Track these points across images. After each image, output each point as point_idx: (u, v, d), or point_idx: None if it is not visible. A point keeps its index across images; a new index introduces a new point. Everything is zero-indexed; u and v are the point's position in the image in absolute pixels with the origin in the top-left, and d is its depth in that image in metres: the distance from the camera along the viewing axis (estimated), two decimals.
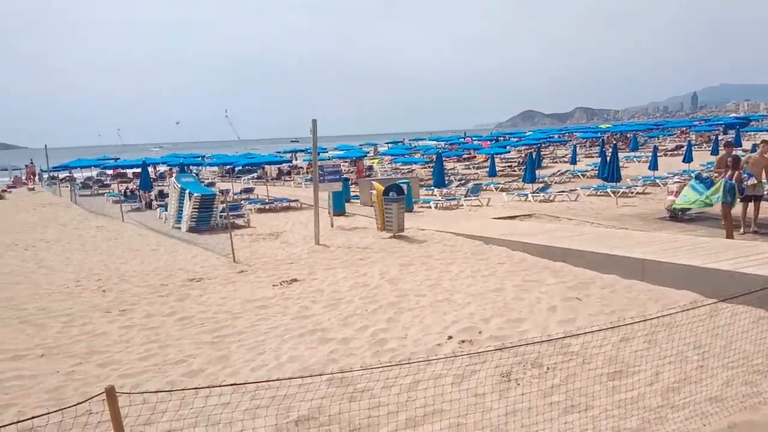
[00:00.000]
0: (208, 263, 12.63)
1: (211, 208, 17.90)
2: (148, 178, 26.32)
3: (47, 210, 25.54)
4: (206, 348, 7.26)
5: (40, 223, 20.83)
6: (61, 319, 8.80)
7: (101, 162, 38.95)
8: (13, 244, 16.43)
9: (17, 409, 5.83)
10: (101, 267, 12.66)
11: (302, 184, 33.80)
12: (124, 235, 17.49)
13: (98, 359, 7.08)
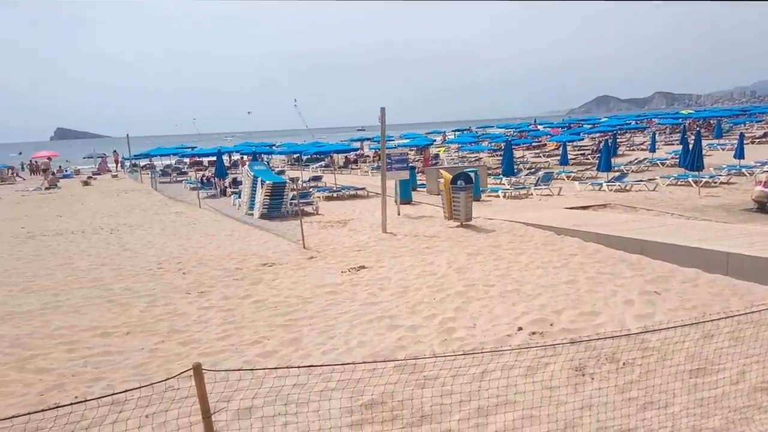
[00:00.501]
0: (280, 249, 13.01)
1: (282, 196, 18.39)
2: (223, 166, 27.34)
3: (129, 196, 27.06)
4: (279, 330, 7.50)
5: (123, 209, 22.11)
6: (144, 300, 9.34)
7: (179, 150, 40.81)
8: (99, 227, 17.53)
9: (106, 382, 6.26)
10: (180, 251, 13.30)
11: (369, 172, 34.08)
12: (201, 220, 18.27)
13: (179, 338, 7.47)
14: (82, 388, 6.10)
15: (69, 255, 13.40)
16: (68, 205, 23.90)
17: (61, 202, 25.53)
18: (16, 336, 7.83)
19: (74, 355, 7.05)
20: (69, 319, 8.45)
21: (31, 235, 16.52)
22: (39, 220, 19.91)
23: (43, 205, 24.34)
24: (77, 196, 27.88)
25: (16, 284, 10.84)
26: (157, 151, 36.53)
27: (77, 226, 18.03)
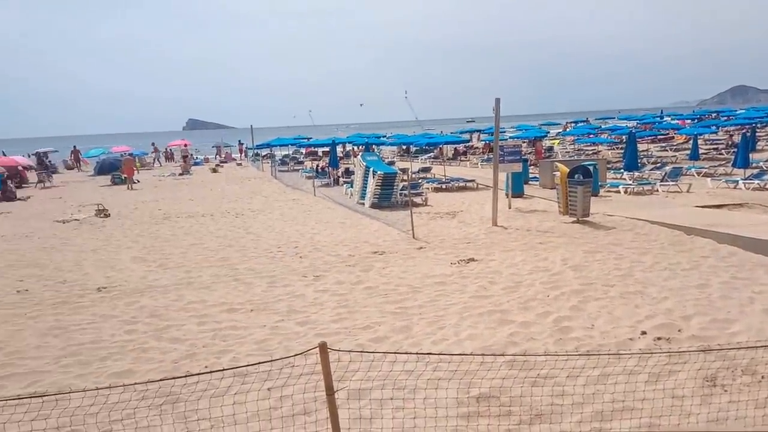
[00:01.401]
0: (390, 238, 13.23)
1: (393, 186, 18.66)
2: (336, 156, 28.27)
3: (252, 183, 28.81)
4: (389, 317, 7.65)
5: (246, 195, 23.60)
6: (265, 280, 9.92)
7: (296, 141, 42.76)
8: (226, 211, 18.86)
9: (232, 355, 6.74)
10: (297, 236, 13.96)
11: (478, 164, 33.58)
12: (316, 208, 19.05)
13: (297, 318, 7.87)
14: (212, 358, 6.62)
15: (200, 236, 14.56)
16: (198, 191, 25.93)
17: (192, 187, 27.76)
18: (154, 308, 8.66)
19: (204, 327, 7.67)
20: (200, 295, 9.20)
21: (167, 217, 18.13)
22: (173, 203, 21.80)
23: (176, 190, 26.61)
24: (206, 182, 30.16)
25: (154, 260, 11.96)
26: (277, 142, 38.51)
27: (206, 209, 19.53)
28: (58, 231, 16.18)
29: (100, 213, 18.67)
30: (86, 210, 19.92)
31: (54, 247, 13.78)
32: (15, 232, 16.27)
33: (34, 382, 6.22)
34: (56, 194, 26.36)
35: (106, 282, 10.28)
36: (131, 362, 6.60)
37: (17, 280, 10.71)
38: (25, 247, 13.98)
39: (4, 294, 9.73)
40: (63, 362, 6.70)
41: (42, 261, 12.28)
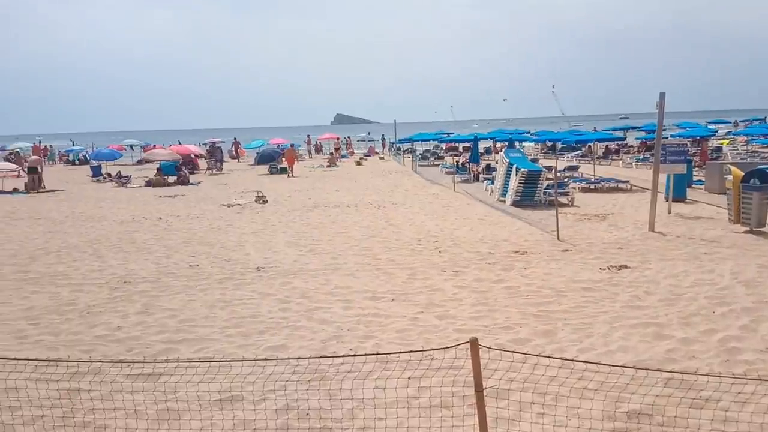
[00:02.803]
0: (532, 238, 12.83)
1: (536, 184, 18.06)
2: (478, 152, 28.00)
3: (393, 177, 29.57)
4: (531, 320, 7.44)
5: (387, 188, 24.27)
6: (406, 272, 10.15)
7: (437, 137, 43.10)
8: (368, 203, 19.57)
9: (375, 341, 7.00)
10: (437, 230, 14.08)
11: (632, 164, 31.26)
12: (455, 203, 19.05)
13: (436, 311, 7.95)
14: (355, 342, 6.94)
15: (345, 225, 15.28)
16: (344, 182, 27.20)
17: (338, 178, 29.20)
18: (305, 289, 9.26)
19: (349, 312, 8.05)
20: (345, 281, 9.67)
21: (316, 206, 19.27)
22: (322, 193, 23.10)
23: (324, 181, 28.16)
24: (351, 174, 31.54)
25: (305, 245, 12.78)
26: (418, 137, 39.14)
27: (351, 200, 20.43)
28: (223, 214, 17.94)
29: (259, 199, 20.36)
30: (247, 196, 21.82)
31: (220, 228, 15.29)
32: (188, 212, 18.33)
33: (202, 348, 6.97)
34: (222, 181, 29.19)
35: (263, 262, 11.20)
36: (285, 338, 7.14)
37: (190, 255, 12.06)
38: (197, 226, 15.68)
39: (180, 267, 11.00)
40: (227, 332, 7.43)
41: (210, 240, 13.69)
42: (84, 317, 8.15)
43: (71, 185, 28.28)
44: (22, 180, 27.44)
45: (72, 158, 45.73)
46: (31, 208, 20.38)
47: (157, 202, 21.40)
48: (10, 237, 14.63)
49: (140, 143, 51.20)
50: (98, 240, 13.97)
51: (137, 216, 17.78)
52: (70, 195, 24.33)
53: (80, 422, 5.12)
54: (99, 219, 17.36)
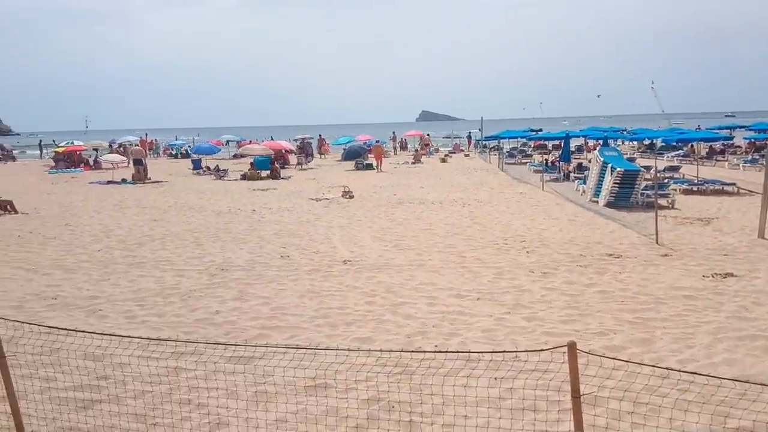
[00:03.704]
0: (628, 241, 12.22)
1: (633, 185, 17.17)
2: (569, 150, 27.02)
3: (479, 174, 29.17)
4: (627, 327, 7.09)
5: (472, 185, 23.98)
6: (492, 271, 10.00)
7: (526, 134, 42.03)
8: (453, 200, 19.43)
9: (460, 339, 6.95)
10: (524, 230, 13.75)
11: (740, 165, 28.96)
12: (543, 203, 18.50)
13: (524, 312, 7.78)
14: (441, 338, 6.93)
15: (429, 222, 15.27)
16: (429, 179, 27.17)
17: (423, 175, 29.21)
18: (390, 284, 9.36)
19: (434, 308, 8.05)
20: (430, 277, 9.68)
21: (401, 202, 19.39)
22: (406, 189, 23.21)
23: (409, 177, 28.27)
24: (436, 171, 31.46)
25: (390, 241, 12.91)
26: (505, 134, 38.32)
27: (435, 197, 20.38)
28: (311, 207, 18.49)
29: (346, 194, 20.81)
30: (334, 191, 22.35)
31: (309, 221, 15.78)
32: (279, 205, 19.06)
33: (293, 336, 7.23)
34: (311, 176, 30.08)
35: (350, 256, 11.43)
36: (371, 331, 7.26)
37: (281, 246, 12.54)
38: (287, 219, 16.27)
39: (272, 258, 11.46)
40: (316, 322, 7.66)
41: (299, 232, 14.16)
42: (185, 301, 8.70)
43: (174, 177, 30.22)
44: (130, 171, 29.67)
45: (175, 152, 48.82)
46: (138, 197, 22.00)
47: (250, 194, 22.40)
48: (120, 224, 15.87)
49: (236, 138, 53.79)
50: (198, 229, 14.85)
51: (233, 207, 18.72)
52: (173, 186, 26.01)
53: (182, 399, 5.47)
54: (199, 209, 18.44)
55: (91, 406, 5.39)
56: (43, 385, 5.76)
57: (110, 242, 13.34)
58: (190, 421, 5.09)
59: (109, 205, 19.96)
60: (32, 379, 5.79)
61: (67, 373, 5.91)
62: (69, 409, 5.31)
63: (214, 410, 5.24)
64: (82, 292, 9.29)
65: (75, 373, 5.84)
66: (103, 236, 14.11)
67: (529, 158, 36.68)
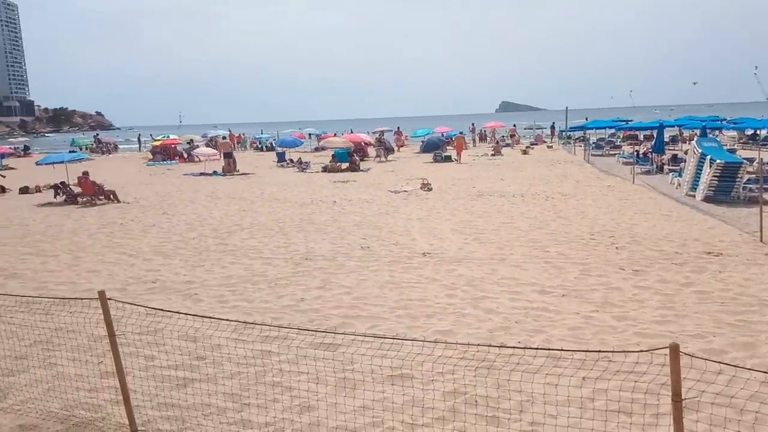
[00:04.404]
0: (728, 238, 11.39)
1: (735, 178, 15.95)
2: (662, 141, 25.51)
3: (562, 167, 28.15)
4: (727, 329, 6.63)
5: (556, 178, 23.18)
6: (578, 267, 9.65)
7: (615, 124, 39.97)
8: (535, 193, 18.89)
9: (545, 336, 6.78)
10: (613, 225, 13.15)
11: None
12: (633, 197, 17.60)
13: (613, 311, 7.45)
14: (524, 335, 6.79)
15: (511, 215, 14.96)
16: (509, 171, 26.58)
17: (503, 167, 28.62)
18: (470, 277, 9.27)
19: (517, 304, 7.89)
20: (512, 272, 9.49)
21: (480, 194, 19.11)
22: (486, 181, 22.84)
23: (488, 170, 27.78)
24: (517, 163, 30.71)
25: (470, 234, 12.76)
26: (592, 124, 36.70)
27: (517, 190, 19.91)
28: (390, 199, 18.62)
29: (424, 187, 20.79)
30: (413, 183, 22.39)
31: (388, 213, 15.91)
32: (359, 197, 19.35)
33: (374, 325, 7.34)
34: (389, 168, 30.28)
35: (429, 248, 11.43)
36: (452, 324, 7.23)
37: (361, 237, 12.73)
38: (367, 210, 16.49)
39: (353, 248, 11.67)
40: (396, 313, 7.73)
41: (379, 224, 14.32)
42: (272, 288, 9.05)
43: (260, 169, 31.42)
44: (220, 163, 31.15)
45: (260, 145, 50.73)
46: (228, 188, 23.07)
47: (331, 186, 22.90)
48: (212, 214, 16.73)
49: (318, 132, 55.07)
50: (282, 219, 15.38)
51: (315, 199, 19.21)
52: (259, 178, 27.06)
53: (273, 381, 5.71)
54: (283, 200, 19.09)
55: (188, 384, 5.75)
56: (146, 363, 6.20)
57: (203, 230, 14.10)
58: (280, 402, 5.30)
59: (202, 195, 21.08)
60: (137, 357, 6.26)
61: (166, 352, 6.33)
62: (169, 387, 5.69)
63: (302, 393, 5.43)
64: (179, 276, 9.89)
65: (174, 353, 6.25)
66: (197, 225, 14.95)
67: (618, 149, 34.97)
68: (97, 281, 9.73)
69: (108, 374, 5.92)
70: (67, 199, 19.98)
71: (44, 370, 6.19)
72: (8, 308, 7.86)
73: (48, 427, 5.04)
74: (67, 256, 11.80)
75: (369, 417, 5.00)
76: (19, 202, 20.97)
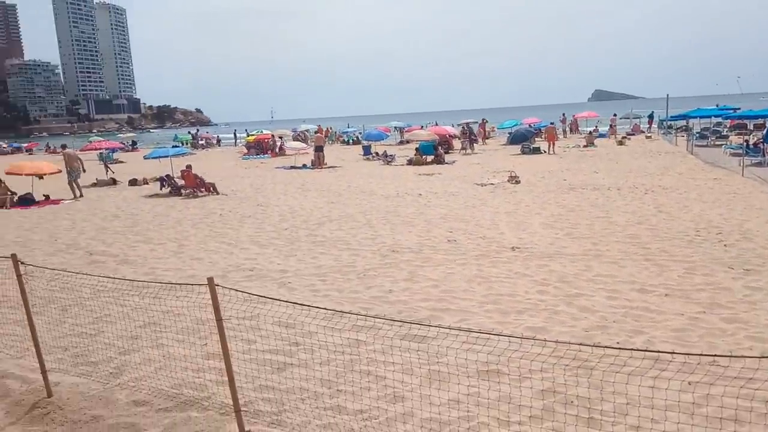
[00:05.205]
0: None
1: None
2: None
3: (663, 158, 26.49)
4: None
5: (657, 170, 21.86)
6: (682, 265, 9.07)
7: (722, 112, 37.06)
8: (633, 186, 17.91)
9: (646, 337, 6.43)
10: (720, 220, 12.24)
11: None
12: (743, 190, 16.25)
13: (722, 313, 6.95)
14: (623, 335, 6.49)
15: (606, 209, 14.30)
16: (603, 163, 25.40)
17: (596, 159, 27.38)
18: (563, 273, 8.96)
19: (614, 303, 7.55)
20: (608, 269, 9.08)
21: (572, 187, 18.41)
22: (578, 174, 21.96)
23: (581, 161, 26.68)
24: (612, 154, 29.28)
25: (561, 228, 12.34)
26: (696, 113, 34.30)
27: (612, 182, 18.99)
28: (477, 192, 18.38)
29: (512, 179, 20.33)
30: (499, 176, 21.96)
31: (474, 206, 15.72)
32: (444, 190, 19.25)
33: (463, 319, 7.28)
34: (475, 161, 29.87)
35: (518, 242, 11.18)
36: (544, 321, 7.04)
37: (447, 230, 12.67)
38: (453, 203, 16.38)
39: (439, 241, 11.64)
40: (485, 307, 7.63)
41: (466, 217, 14.18)
42: (361, 279, 9.23)
43: (346, 162, 32.06)
44: (309, 157, 32.09)
45: (347, 139, 51.76)
46: (317, 181, 23.74)
47: (416, 179, 22.94)
48: (303, 205, 17.29)
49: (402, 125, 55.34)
50: (369, 211, 15.61)
51: (400, 191, 19.34)
52: (346, 171, 27.62)
53: (363, 370, 5.84)
54: (369, 193, 19.38)
55: (285, 369, 6.00)
56: (246, 347, 6.53)
57: (294, 222, 14.62)
58: (372, 391, 5.41)
59: (293, 188, 21.84)
60: (238, 340, 6.61)
61: (264, 337, 6.63)
62: (268, 370, 5.97)
63: (392, 383, 5.51)
64: (273, 265, 10.32)
65: (271, 338, 6.54)
66: (288, 216, 15.52)
67: (725, 140, 32.43)
68: (199, 268, 10.36)
69: (212, 356, 6.30)
70: (171, 191, 21.40)
71: (154, 350, 6.68)
72: (123, 292, 8.55)
73: (159, 404, 5.44)
74: (172, 244, 12.66)
75: (460, 411, 4.99)
76: (128, 193, 22.73)
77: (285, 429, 4.90)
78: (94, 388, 5.83)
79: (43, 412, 5.45)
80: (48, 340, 6.81)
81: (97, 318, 7.80)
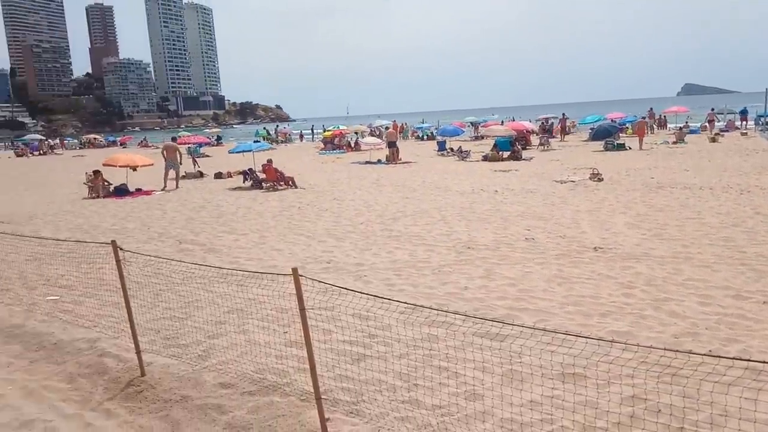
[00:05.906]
0: None
1: None
2: None
3: (760, 156, 24.62)
4: None
5: (752, 168, 20.34)
6: None
7: None
8: (728, 186, 16.76)
9: (742, 346, 6.02)
10: None
11: None
12: None
13: None
14: (716, 343, 6.10)
15: (697, 210, 13.47)
16: (694, 160, 23.94)
17: (687, 156, 25.85)
18: (650, 276, 8.54)
19: (707, 309, 7.11)
20: (700, 273, 8.56)
21: (660, 186, 17.47)
22: (666, 171, 20.82)
23: (669, 158, 25.27)
24: (703, 152, 27.54)
25: (648, 229, 11.75)
26: None
27: (704, 181, 17.87)
28: (556, 190, 17.84)
29: (594, 177, 19.56)
30: (580, 173, 21.19)
31: (554, 204, 15.27)
32: (522, 187, 18.82)
33: (541, 320, 7.10)
34: (554, 157, 28.99)
35: (601, 242, 10.75)
36: (629, 325, 6.74)
37: (525, 228, 12.39)
38: (531, 201, 15.99)
39: (516, 239, 11.40)
40: (566, 309, 7.41)
41: (544, 215, 13.80)
42: (436, 275, 9.20)
43: (421, 158, 32.04)
44: (383, 152, 32.33)
45: (421, 134, 51.68)
46: (391, 176, 23.88)
47: (492, 175, 22.57)
48: (377, 200, 17.46)
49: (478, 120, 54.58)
50: (444, 207, 15.53)
51: (476, 188, 19.10)
52: (420, 167, 27.60)
53: (440, 366, 5.83)
54: (444, 189, 19.27)
55: (362, 360, 6.10)
56: (324, 337, 6.69)
57: (370, 216, 14.79)
58: (448, 387, 5.40)
59: (368, 183, 22.09)
60: (317, 330, 6.78)
61: (342, 328, 6.77)
62: (345, 360, 6.09)
63: (469, 380, 5.47)
64: (349, 258, 10.50)
65: (348, 329, 6.66)
66: (364, 210, 15.73)
67: None
68: (279, 258, 10.72)
69: (292, 343, 6.51)
70: (253, 184, 22.23)
71: (239, 335, 6.98)
72: (211, 279, 8.99)
73: (243, 387, 5.69)
74: (254, 235, 13.16)
75: (540, 413, 4.88)
76: (214, 185, 23.83)
77: (363, 419, 4.99)
78: (184, 369, 6.17)
79: (137, 390, 5.84)
80: (142, 322, 7.27)
81: (186, 303, 8.25)
